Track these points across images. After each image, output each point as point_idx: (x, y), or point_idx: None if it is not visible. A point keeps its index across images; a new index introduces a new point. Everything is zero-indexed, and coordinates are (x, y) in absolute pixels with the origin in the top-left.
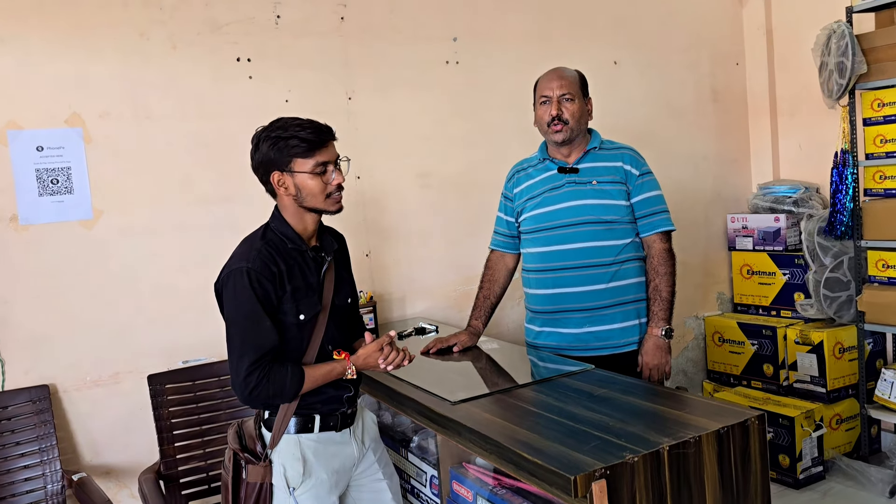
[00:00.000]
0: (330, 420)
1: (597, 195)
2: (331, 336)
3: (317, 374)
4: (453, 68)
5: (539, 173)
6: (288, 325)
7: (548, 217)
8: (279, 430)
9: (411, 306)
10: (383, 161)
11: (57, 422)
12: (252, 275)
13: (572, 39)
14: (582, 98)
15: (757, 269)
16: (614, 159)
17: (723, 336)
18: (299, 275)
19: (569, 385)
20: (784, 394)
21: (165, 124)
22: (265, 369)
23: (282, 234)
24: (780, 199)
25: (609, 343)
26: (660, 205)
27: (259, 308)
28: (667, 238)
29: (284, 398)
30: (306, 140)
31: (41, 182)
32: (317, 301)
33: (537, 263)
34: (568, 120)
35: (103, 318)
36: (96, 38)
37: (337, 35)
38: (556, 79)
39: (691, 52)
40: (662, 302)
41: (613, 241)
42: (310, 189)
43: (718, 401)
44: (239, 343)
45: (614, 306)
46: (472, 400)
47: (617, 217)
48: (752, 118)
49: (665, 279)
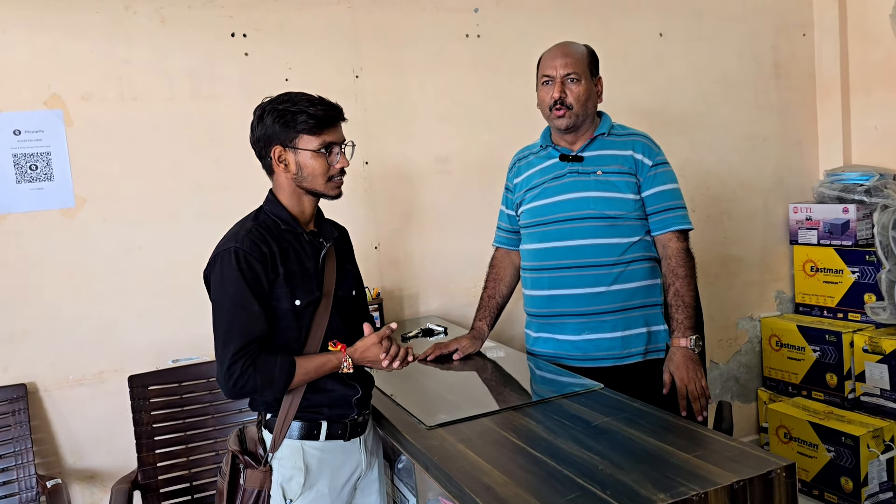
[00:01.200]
0: (338, 427)
1: (601, 187)
2: (336, 330)
3: (309, 365)
4: (474, 42)
5: (540, 161)
6: (283, 313)
7: (545, 210)
8: (280, 432)
9: (424, 303)
10: (395, 145)
11: (37, 423)
12: (240, 255)
13: (610, 8)
14: (590, 78)
15: (822, 265)
16: (624, 147)
17: (781, 340)
18: (294, 258)
19: (567, 409)
20: (849, 408)
21: (153, 106)
22: (251, 358)
23: (275, 215)
24: (851, 187)
25: (610, 353)
26: (675, 200)
27: (247, 291)
28: (684, 237)
29: (273, 390)
30: (315, 116)
31: (19, 168)
32: (315, 287)
33: (533, 261)
34: (572, 104)
35: (87, 312)
36: (78, 11)
37: (344, 6)
38: (559, 56)
39: (750, 20)
40: (686, 308)
41: (617, 238)
42: (312, 169)
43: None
44: (224, 329)
45: (616, 312)
46: (451, 424)
47: (622, 212)
48: (820, 95)
49: (686, 282)
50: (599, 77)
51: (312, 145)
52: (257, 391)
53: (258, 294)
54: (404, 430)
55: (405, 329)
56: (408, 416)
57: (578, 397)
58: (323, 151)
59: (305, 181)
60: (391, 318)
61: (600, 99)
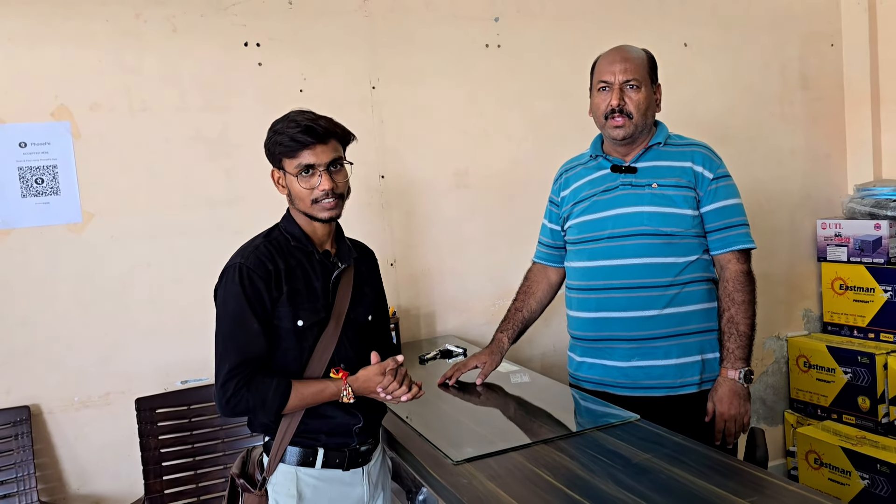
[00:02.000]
0: (336, 456)
1: (656, 201)
2: (344, 354)
3: (306, 391)
4: (495, 52)
5: (589, 173)
6: (285, 332)
7: (595, 225)
8: (275, 456)
9: (441, 323)
10: (412, 158)
11: (40, 446)
12: (244, 271)
13: (634, 18)
14: (650, 85)
15: (852, 283)
16: (682, 158)
17: (809, 361)
18: (301, 276)
19: (603, 443)
20: (883, 433)
21: (163, 117)
22: (246, 377)
23: (288, 232)
24: (882, 202)
25: (663, 382)
26: (737, 216)
27: (247, 308)
28: (745, 258)
29: (266, 413)
30: (293, 139)
31: (24, 182)
32: (321, 308)
33: (580, 280)
34: (632, 112)
35: (93, 332)
36: (86, 20)
37: (360, 15)
38: (618, 61)
39: (777, 31)
40: (740, 337)
41: (673, 257)
42: (297, 192)
43: (800, 487)
44: (222, 346)
45: (670, 337)
46: (480, 459)
47: (679, 229)
48: (849, 107)
49: (743, 309)
50: (658, 84)
51: (291, 168)
52: (250, 412)
53: (259, 312)
54: (428, 463)
55: (422, 350)
56: (432, 449)
57: (614, 429)
58: (303, 174)
59: (296, 204)
60: (408, 338)
61: (659, 108)
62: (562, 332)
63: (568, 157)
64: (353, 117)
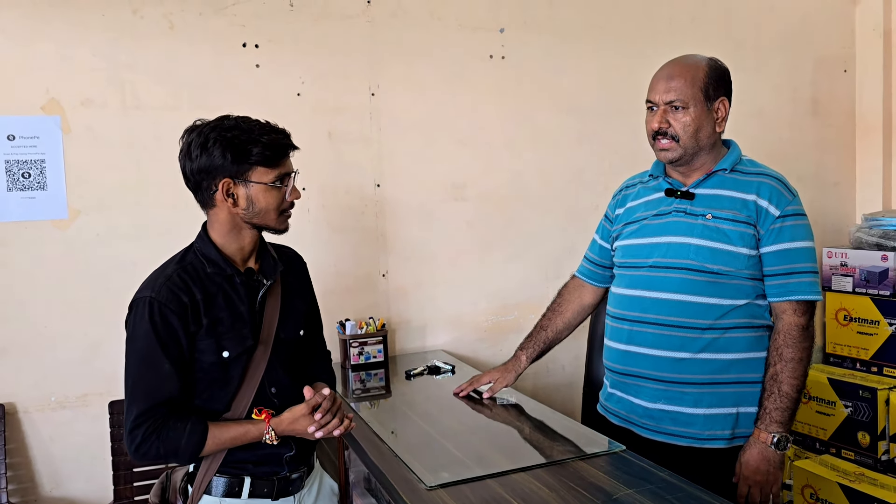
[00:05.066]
0: (264, 485)
1: (707, 234)
2: (275, 377)
3: (224, 436)
4: (499, 63)
5: (647, 193)
6: (207, 366)
7: (640, 251)
8: (199, 488)
9: (432, 337)
10: (409, 167)
11: (13, 446)
12: (155, 307)
13: (643, 34)
14: (704, 103)
15: (856, 315)
16: (747, 189)
17: (809, 392)
18: (223, 304)
19: (585, 475)
20: (882, 470)
21: (156, 115)
22: (156, 423)
23: (204, 256)
24: (891, 233)
25: (689, 431)
26: (804, 262)
27: (157, 348)
28: (804, 310)
29: (179, 459)
30: (270, 147)
31: (10, 175)
32: (248, 334)
33: (616, 308)
34: (678, 135)
35: (74, 331)
36: (81, 12)
37: (363, 20)
38: (664, 79)
39: (790, 54)
40: (781, 398)
41: (717, 298)
42: (265, 204)
43: None
44: (130, 388)
45: (703, 384)
46: (454, 485)
47: (729, 269)
48: (860, 135)
49: (790, 367)
50: (723, 98)
51: (267, 178)
52: (161, 459)
53: (172, 352)
54: (401, 487)
55: (411, 364)
56: (407, 472)
57: (598, 460)
58: (278, 185)
59: (256, 217)
60: (396, 351)
61: (721, 126)
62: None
63: (568, 173)
64: (351, 123)
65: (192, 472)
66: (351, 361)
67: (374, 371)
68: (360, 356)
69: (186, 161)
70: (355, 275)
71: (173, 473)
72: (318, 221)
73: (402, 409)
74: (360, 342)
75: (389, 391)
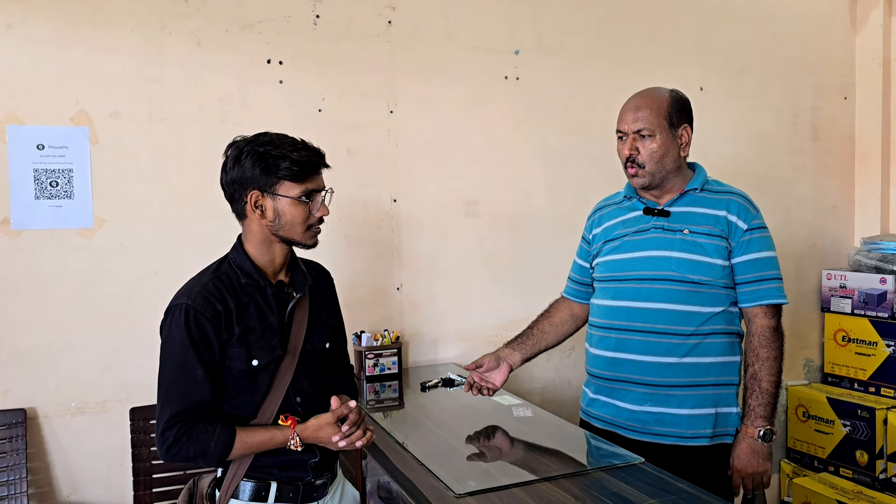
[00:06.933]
0: (289, 490)
1: (686, 248)
2: (300, 387)
3: (251, 440)
4: (513, 84)
5: (622, 213)
6: (237, 374)
7: (623, 265)
8: (226, 492)
9: (444, 350)
10: (425, 184)
11: (33, 451)
12: (190, 314)
13: (651, 59)
14: (668, 130)
15: (855, 336)
16: (718, 206)
17: (808, 411)
18: (255, 314)
19: (607, 485)
20: (880, 489)
21: (182, 129)
22: (187, 426)
23: (238, 266)
24: (889, 256)
25: (674, 431)
26: (770, 270)
27: (192, 354)
28: (774, 313)
29: (208, 462)
30: (298, 162)
31: (39, 184)
32: (277, 344)
33: (602, 318)
34: (644, 163)
35: (95, 338)
36: (112, 28)
37: (384, 39)
38: (631, 110)
39: (791, 81)
40: (762, 395)
41: (698, 306)
42: (291, 217)
43: None
44: (164, 391)
45: (686, 387)
46: (482, 493)
47: (707, 278)
48: (859, 161)
49: (767, 366)
50: (685, 125)
51: (294, 192)
52: (191, 460)
53: (205, 358)
54: (430, 494)
55: (424, 376)
56: (434, 480)
57: (619, 471)
58: (304, 199)
59: (282, 229)
60: (409, 363)
61: (685, 151)
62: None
63: (576, 192)
64: (370, 140)
65: (219, 477)
66: (366, 372)
67: (388, 382)
68: (374, 367)
69: (223, 173)
70: (370, 287)
71: (200, 480)
72: (336, 235)
73: (419, 419)
74: (375, 354)
75: (403, 402)
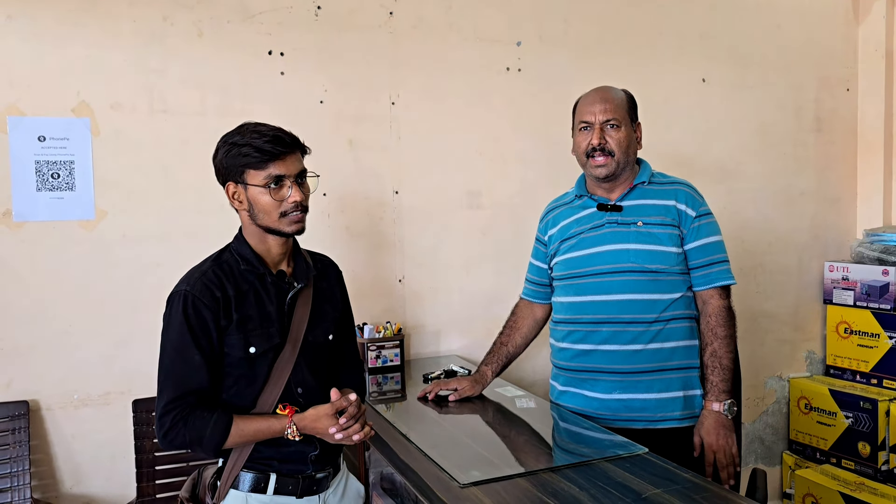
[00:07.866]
0: (289, 483)
1: (642, 239)
2: (301, 378)
3: (248, 428)
4: (515, 76)
5: (575, 212)
6: (236, 361)
7: (582, 262)
8: (226, 482)
9: (446, 342)
10: (427, 175)
11: (36, 443)
12: (189, 300)
13: (654, 51)
14: (630, 124)
15: (857, 328)
16: (666, 196)
17: (810, 403)
18: (254, 302)
19: (611, 475)
20: (882, 480)
21: (183, 120)
22: (184, 411)
23: (239, 254)
24: (891, 248)
25: (643, 416)
26: (719, 253)
27: (190, 340)
28: (726, 294)
29: (204, 449)
30: (260, 149)
31: (40, 175)
32: (275, 333)
33: (566, 315)
34: (613, 151)
35: (98, 330)
36: (114, 19)
37: (385, 31)
38: (598, 101)
39: (794, 72)
40: (723, 371)
41: (658, 294)
42: (262, 205)
43: None
44: (162, 376)
45: (653, 372)
46: (487, 483)
47: (665, 266)
48: (861, 152)
49: (725, 343)
50: (638, 123)
51: (258, 180)
52: (188, 446)
53: (203, 344)
54: (434, 485)
55: (427, 368)
56: (437, 470)
57: (622, 461)
58: (272, 186)
59: (258, 218)
60: (411, 355)
61: (639, 145)
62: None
63: None
64: (371, 132)
65: (221, 467)
66: (368, 364)
67: (391, 374)
68: (377, 359)
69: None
70: (372, 279)
71: (204, 471)
72: (338, 226)
73: (422, 410)
74: (377, 346)
75: (405, 394)
